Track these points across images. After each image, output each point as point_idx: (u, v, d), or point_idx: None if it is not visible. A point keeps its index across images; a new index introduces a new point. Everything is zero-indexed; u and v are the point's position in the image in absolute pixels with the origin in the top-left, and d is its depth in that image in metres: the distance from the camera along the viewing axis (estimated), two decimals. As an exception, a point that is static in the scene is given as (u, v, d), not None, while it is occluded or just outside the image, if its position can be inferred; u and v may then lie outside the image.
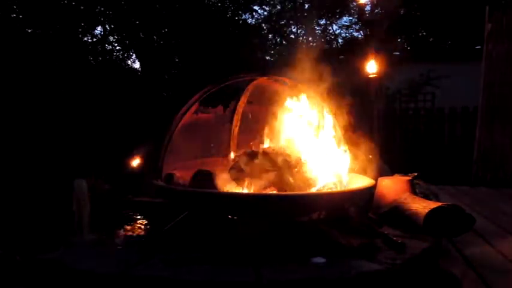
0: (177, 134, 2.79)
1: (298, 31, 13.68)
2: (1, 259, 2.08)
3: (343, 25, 14.91)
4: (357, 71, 6.26)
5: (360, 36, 13.81)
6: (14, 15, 5.34)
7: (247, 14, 8.69)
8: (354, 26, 14.40)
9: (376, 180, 2.68)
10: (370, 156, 2.86)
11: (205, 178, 2.57)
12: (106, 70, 6.02)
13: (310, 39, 13.89)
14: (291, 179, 2.44)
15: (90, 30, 6.41)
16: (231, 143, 3.43)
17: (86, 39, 6.36)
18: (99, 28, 6.60)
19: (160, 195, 2.62)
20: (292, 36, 13.65)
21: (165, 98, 6.32)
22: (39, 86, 4.87)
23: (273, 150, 2.62)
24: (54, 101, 4.87)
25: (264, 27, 12.64)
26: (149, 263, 1.90)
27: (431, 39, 12.52)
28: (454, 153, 6.71)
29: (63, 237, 2.33)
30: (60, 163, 4.13)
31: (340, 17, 14.31)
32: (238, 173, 2.52)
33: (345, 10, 13.85)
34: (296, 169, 2.50)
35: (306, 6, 13.74)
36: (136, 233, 2.60)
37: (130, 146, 4.06)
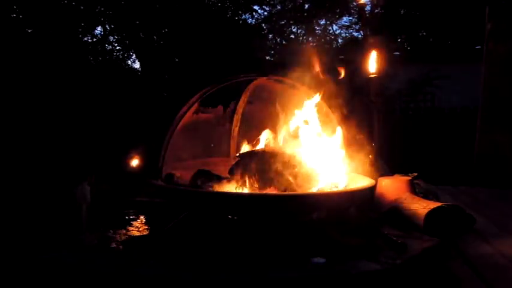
0: (177, 134, 2.79)
1: (298, 31, 13.66)
2: (1, 259, 2.08)
3: (343, 25, 14.87)
4: (357, 71, 6.26)
5: (360, 36, 13.79)
6: (14, 15, 5.34)
7: (247, 14, 8.67)
8: (354, 26, 14.37)
9: (376, 180, 2.68)
10: (371, 157, 2.86)
11: (206, 178, 2.58)
12: (106, 70, 6.03)
13: (310, 39, 13.87)
14: (291, 179, 2.44)
15: (90, 30, 6.42)
16: (231, 143, 3.43)
17: (86, 39, 6.37)
18: (99, 28, 6.61)
19: (160, 195, 2.62)
20: (292, 36, 13.61)
21: (165, 98, 6.32)
22: (40, 86, 4.87)
23: (273, 150, 2.62)
24: (55, 102, 4.87)
25: (264, 27, 12.61)
26: (149, 262, 1.90)
27: (431, 39, 12.52)
28: (454, 153, 6.71)
29: (63, 237, 2.33)
30: (60, 163, 4.14)
31: (340, 17, 14.28)
32: (238, 173, 2.52)
33: (345, 10, 13.81)
34: (296, 169, 2.50)
35: (306, 6, 13.72)
36: (137, 233, 2.60)
37: (130, 146, 4.06)
